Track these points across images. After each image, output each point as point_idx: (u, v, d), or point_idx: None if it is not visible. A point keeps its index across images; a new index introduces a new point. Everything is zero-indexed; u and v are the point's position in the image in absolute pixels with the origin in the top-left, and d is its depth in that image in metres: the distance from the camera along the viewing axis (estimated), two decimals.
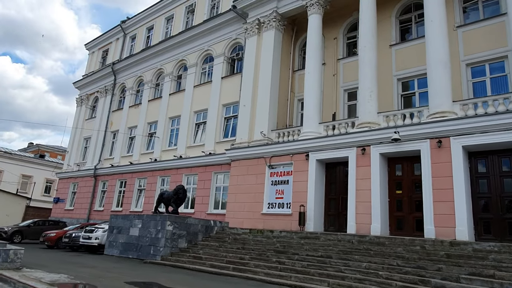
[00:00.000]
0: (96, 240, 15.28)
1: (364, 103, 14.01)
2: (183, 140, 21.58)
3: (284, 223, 14.88)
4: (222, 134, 19.98)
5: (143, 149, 24.35)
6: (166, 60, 24.83)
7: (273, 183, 16.09)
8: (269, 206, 15.90)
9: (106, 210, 25.11)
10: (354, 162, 13.62)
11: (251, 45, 19.04)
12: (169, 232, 12.39)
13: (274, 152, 16.21)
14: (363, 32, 14.83)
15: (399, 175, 13.24)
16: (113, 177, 25.59)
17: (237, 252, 11.34)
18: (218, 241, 13.02)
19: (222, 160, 18.83)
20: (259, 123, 17.30)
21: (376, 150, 13.19)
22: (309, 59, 16.40)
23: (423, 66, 14.74)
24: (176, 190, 14.01)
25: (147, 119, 24.89)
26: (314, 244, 11.00)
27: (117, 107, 28.51)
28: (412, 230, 12.41)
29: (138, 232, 13.25)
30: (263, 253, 10.84)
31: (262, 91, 17.69)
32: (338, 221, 14.22)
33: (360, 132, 13.61)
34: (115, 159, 26.11)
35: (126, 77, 28.01)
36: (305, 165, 15.00)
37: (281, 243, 11.46)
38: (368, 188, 13.01)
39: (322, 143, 14.71)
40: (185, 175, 20.73)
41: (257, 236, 12.93)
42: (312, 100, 15.78)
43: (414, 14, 15.98)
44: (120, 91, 28.83)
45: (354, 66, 16.78)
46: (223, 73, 20.89)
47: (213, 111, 20.50)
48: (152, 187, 22.35)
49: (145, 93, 25.81)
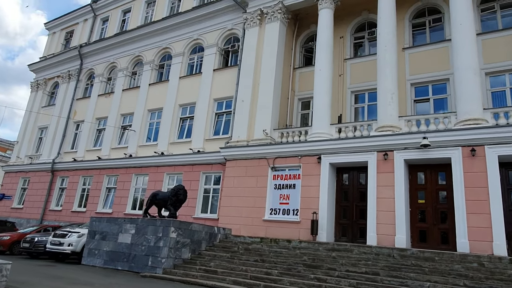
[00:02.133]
0: (70, 246, 12.82)
1: (384, 105, 13.15)
2: (165, 135, 19.46)
3: (291, 231, 13.52)
4: (212, 131, 18.22)
5: (114, 143, 21.74)
6: (146, 47, 22.51)
7: (277, 187, 14.69)
8: (271, 212, 14.47)
9: (66, 210, 22.10)
10: (374, 168, 12.65)
11: (251, 37, 17.57)
12: (173, 240, 10.48)
13: (278, 153, 14.83)
14: (383, 31, 14.04)
15: (422, 184, 12.48)
16: (76, 173, 22.62)
17: (257, 265, 9.78)
18: (227, 251, 11.32)
19: (213, 159, 17.10)
20: (260, 121, 15.84)
21: (400, 156, 12.33)
22: (320, 55, 15.29)
23: (438, 72, 14.44)
24: (176, 191, 12.08)
25: (120, 110, 22.33)
26: (349, 258, 9.77)
27: (82, 95, 25.46)
28: (437, 243, 11.66)
29: (130, 239, 11.14)
30: (291, 267, 9.40)
31: (264, 87, 16.26)
32: (352, 231, 13.16)
33: (382, 136, 12.71)
34: (79, 153, 23.14)
35: (95, 63, 25.12)
36: (317, 168, 13.79)
37: (307, 256, 10.09)
38: (391, 197, 12.08)
39: (336, 145, 13.61)
40: (167, 174, 18.64)
41: (272, 246, 11.44)
42: (323, 99, 14.66)
43: (429, 19, 15.53)
44: (87, 78, 25.81)
45: (363, 67, 16.10)
46: (215, 65, 19.16)
47: (202, 105, 18.68)
48: (125, 185, 19.90)
49: (118, 82, 23.21)
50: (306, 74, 17.63)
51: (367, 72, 15.87)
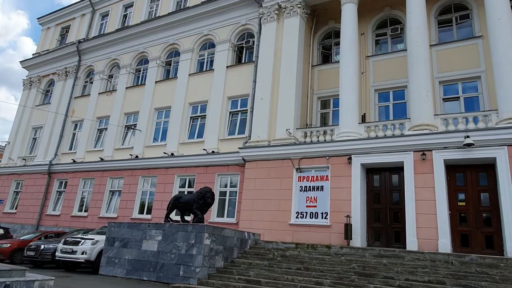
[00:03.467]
0: (83, 255, 11.72)
1: (419, 103, 12.55)
2: (175, 135, 18.47)
3: (321, 236, 12.77)
4: (227, 131, 17.34)
5: (118, 144, 20.60)
6: (151, 43, 21.47)
7: (303, 189, 13.93)
8: (298, 215, 13.69)
9: (65, 215, 20.80)
10: (411, 168, 12.03)
11: (268, 32, 16.81)
12: (207, 248, 9.55)
13: (304, 154, 14.07)
14: (414, 26, 13.49)
15: (461, 185, 11.91)
16: (75, 176, 21.36)
17: (303, 274, 8.97)
18: (262, 259, 10.47)
19: (230, 160, 16.22)
20: (281, 120, 15.07)
21: (440, 156, 11.73)
22: (345, 51, 14.63)
23: (468, 70, 14.00)
24: (203, 194, 11.15)
25: (124, 109, 21.19)
26: (403, 265, 9.06)
27: (80, 93, 24.18)
28: (481, 247, 11.10)
29: (156, 247, 10.17)
30: (342, 276, 8.64)
31: (285, 84, 15.50)
32: (386, 235, 12.49)
33: (419, 135, 12.09)
34: (78, 154, 21.87)
35: (94, 59, 23.89)
36: (347, 169, 13.09)
37: (356, 263, 9.35)
38: (431, 199, 11.47)
39: (368, 145, 12.95)
40: (178, 176, 17.65)
41: (310, 252, 10.64)
42: (350, 97, 14.00)
43: (455, 15, 15.09)
44: (86, 75, 24.55)
45: (386, 64, 15.57)
46: (228, 61, 18.30)
47: (215, 104, 17.78)
48: (131, 188, 18.80)
49: (121, 79, 22.07)
50: (325, 72, 16.99)
51: (391, 70, 15.36)
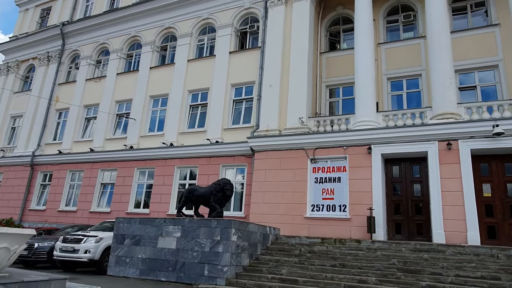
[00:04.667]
0: (87, 254, 10.59)
1: (442, 91, 12.10)
2: (174, 124, 17.38)
3: (340, 229, 12.18)
4: (231, 119, 16.42)
5: (109, 134, 19.27)
6: (144, 26, 20.14)
7: (318, 181, 13.27)
8: (313, 208, 13.04)
9: (51, 209, 19.33)
10: (436, 159, 11.58)
11: (276, 17, 15.94)
12: (234, 244, 8.72)
13: (319, 143, 13.40)
14: (435, 11, 12.97)
15: (486, 176, 11.57)
16: (62, 167, 19.87)
17: (341, 271, 8.31)
18: (289, 255, 9.74)
19: (235, 150, 15.37)
20: (293, 108, 14.32)
21: (466, 146, 11.33)
22: (361, 36, 14.01)
23: (486, 58, 13.69)
24: (222, 186, 10.25)
25: (115, 96, 19.82)
26: (446, 259, 8.56)
27: (65, 79, 22.53)
28: (509, 239, 10.80)
29: (175, 244, 9.22)
30: (385, 272, 8.04)
31: (296, 70, 14.73)
32: (408, 228, 12.03)
33: (444, 124, 11.64)
34: (65, 144, 20.36)
35: (80, 43, 22.27)
36: (367, 160, 12.52)
37: (395, 258, 8.77)
38: (458, 190, 11.07)
39: (388, 134, 12.41)
40: (178, 168, 16.62)
41: (340, 247, 9.98)
42: (367, 85, 13.41)
43: (470, 3, 14.72)
44: (71, 60, 22.88)
45: (399, 52, 15.12)
46: (231, 47, 17.32)
47: (218, 91, 16.80)
48: (126, 181, 17.60)
49: (111, 64, 20.64)
50: (333, 59, 16.37)
51: (404, 58, 14.93)
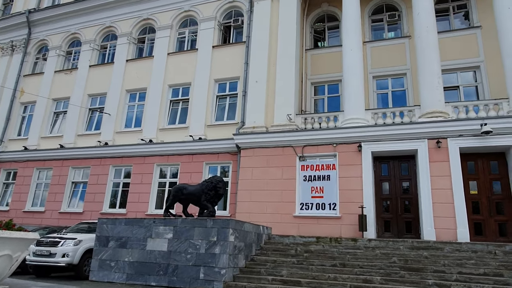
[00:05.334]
0: (65, 258, 9.69)
1: (431, 90, 12.21)
2: (153, 120, 16.57)
3: (330, 228, 11.99)
4: (214, 116, 15.87)
5: (81, 129, 18.11)
6: (119, 17, 19.12)
7: (307, 179, 13.03)
8: (302, 207, 12.78)
9: (15, 210, 17.91)
10: (426, 156, 11.65)
11: (262, 11, 15.57)
12: (231, 245, 8.24)
13: (308, 141, 13.17)
14: (423, 11, 13.09)
15: (473, 174, 11.78)
16: (28, 165, 18.47)
17: (343, 271, 8.06)
18: (285, 255, 9.38)
19: (220, 147, 14.85)
20: (280, 105, 14.01)
21: (455, 144, 11.47)
22: (349, 33, 13.92)
23: (465, 59, 14.01)
24: (214, 184, 9.72)
25: (87, 90, 18.67)
26: (446, 257, 8.52)
27: (31, 70, 21.02)
28: (495, 235, 11.04)
29: (167, 246, 8.59)
30: (388, 271, 7.87)
31: (283, 66, 14.44)
32: (397, 226, 12.04)
33: (434, 122, 11.74)
34: (31, 140, 18.95)
35: (48, 32, 20.84)
36: (357, 157, 12.42)
37: (395, 257, 8.63)
38: (448, 187, 11.18)
39: (378, 132, 12.38)
40: (158, 165, 15.85)
41: (336, 246, 9.74)
42: (355, 82, 13.32)
43: (452, 5, 15.03)
44: (37, 50, 21.37)
45: (384, 51, 15.19)
46: (214, 41, 16.76)
47: (201, 86, 16.18)
48: (100, 179, 16.58)
49: (83, 56, 19.44)
50: (319, 56, 16.23)
51: (389, 57, 15.01)
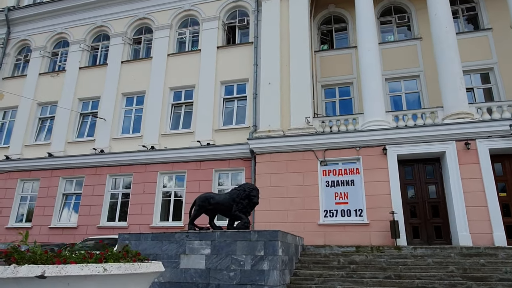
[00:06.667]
0: None
1: (454, 91, 11.97)
2: (153, 125, 15.47)
3: (358, 236, 11.40)
4: (221, 120, 15.00)
5: (72, 136, 16.67)
6: (112, 16, 17.92)
7: (329, 184, 12.42)
8: (326, 214, 12.13)
9: None
10: (455, 159, 11.33)
11: (271, 11, 14.95)
12: (280, 260, 7.42)
13: (329, 144, 12.58)
14: (441, 11, 12.92)
15: (501, 175, 11.57)
16: (10, 176, 16.77)
17: (402, 284, 7.39)
18: (329, 268, 8.63)
19: (231, 153, 14.01)
20: (296, 107, 13.37)
21: (484, 145, 11.23)
22: (365, 33, 13.53)
23: (479, 61, 13.97)
24: (248, 192, 8.84)
25: (78, 93, 17.27)
26: (504, 263, 8.08)
27: (11, 73, 19.31)
28: None
29: (204, 263, 7.62)
30: (453, 282, 7.29)
31: (296, 68, 13.83)
32: (426, 231, 11.61)
33: (461, 124, 11.47)
34: (13, 149, 17.25)
35: (31, 32, 19.25)
36: (382, 161, 11.95)
37: (451, 265, 8.10)
38: (480, 190, 10.89)
39: (403, 135, 11.98)
40: (162, 174, 14.75)
41: (380, 255, 9.10)
42: (374, 83, 12.91)
43: (461, 7, 15.04)
44: (18, 51, 19.68)
45: (395, 53, 14.96)
46: (219, 42, 15.94)
47: (206, 89, 15.29)
48: (96, 190, 15.24)
49: (71, 57, 18.02)
50: (328, 58, 15.80)
51: (400, 59, 14.79)
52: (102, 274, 2.61)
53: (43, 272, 2.52)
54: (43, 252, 2.84)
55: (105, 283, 2.66)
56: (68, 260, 2.77)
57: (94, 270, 2.61)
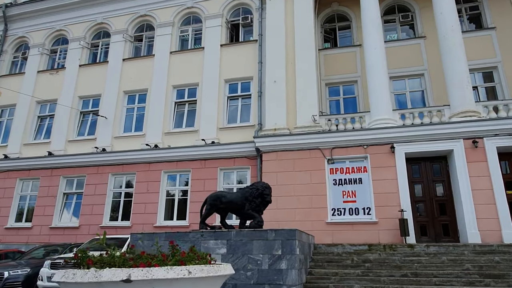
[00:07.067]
0: None
1: (461, 89, 12.01)
2: (156, 124, 15.29)
3: (367, 234, 11.38)
4: (226, 118, 14.88)
5: (72, 134, 16.40)
6: (112, 13, 17.67)
7: (337, 183, 12.38)
8: (334, 212, 12.09)
9: None
10: (463, 157, 11.37)
11: (275, 8, 14.86)
12: (298, 259, 7.34)
13: (336, 143, 12.53)
14: (447, 11, 12.94)
15: (508, 173, 11.63)
16: (9, 175, 16.45)
17: (420, 282, 7.36)
18: (344, 266, 8.58)
19: (236, 151, 13.90)
20: (303, 106, 13.30)
21: (492, 143, 11.28)
22: (371, 32, 13.50)
23: (482, 60, 14.05)
24: (261, 190, 8.74)
25: (78, 91, 17.00)
26: None
27: (8, 70, 18.94)
28: None
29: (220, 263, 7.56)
30: (470, 280, 7.28)
31: (302, 66, 13.75)
32: (434, 229, 11.64)
33: (468, 122, 11.50)
34: (11, 148, 16.93)
35: (29, 29, 18.90)
36: (390, 159, 11.94)
37: (466, 263, 8.10)
38: (488, 188, 10.93)
39: (410, 133, 11.98)
40: (166, 172, 14.58)
41: (393, 254, 9.07)
42: (380, 81, 12.89)
43: (465, 6, 15.10)
44: (15, 48, 19.32)
45: (398, 52, 14.94)
46: (222, 40, 15.81)
47: (209, 87, 15.15)
48: (98, 189, 15.01)
49: (71, 55, 17.73)
50: (332, 56, 15.75)
51: (404, 58, 14.79)
52: (187, 277, 2.50)
53: (129, 276, 2.39)
54: (122, 255, 2.71)
55: (187, 287, 2.54)
56: (152, 263, 2.65)
57: (180, 273, 2.49)
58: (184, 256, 2.92)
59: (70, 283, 2.42)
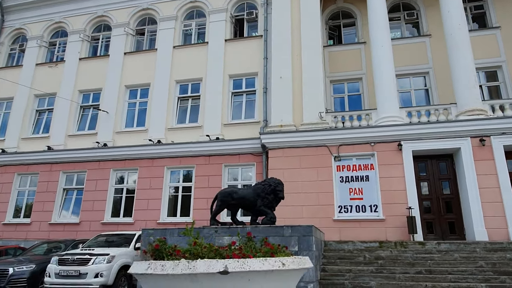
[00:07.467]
0: (98, 278, 8.14)
1: (467, 88, 12.04)
2: (159, 119, 15.09)
3: (374, 231, 11.38)
4: (230, 114, 14.74)
5: (72, 129, 16.11)
6: (113, 6, 17.36)
7: (343, 180, 12.35)
8: (341, 209, 12.06)
9: None
10: (470, 155, 11.41)
11: (281, 3, 14.71)
12: (314, 255, 7.27)
13: (343, 140, 12.49)
14: (454, 9, 12.95)
15: None
16: (7, 170, 16.10)
17: (435, 279, 7.38)
18: (356, 263, 8.54)
19: (241, 148, 13.79)
20: (309, 102, 13.22)
21: (499, 142, 11.34)
22: (378, 29, 13.46)
23: (487, 59, 14.13)
24: (273, 187, 8.64)
25: (78, 85, 16.69)
26: None
27: (5, 63, 18.52)
28: None
29: None
30: (486, 277, 7.31)
31: (309, 61, 13.66)
32: (440, 227, 11.68)
33: (476, 120, 11.54)
34: (9, 142, 16.57)
35: (27, 20, 18.49)
36: (397, 157, 11.94)
37: (480, 260, 8.11)
38: (495, 186, 10.99)
39: (418, 130, 11.99)
40: (169, 168, 14.41)
41: (405, 251, 9.05)
42: (387, 79, 12.87)
43: (469, 5, 15.16)
44: (12, 41, 18.89)
45: (403, 50, 14.92)
46: (226, 35, 15.64)
47: (213, 83, 14.98)
48: (99, 185, 14.77)
49: (71, 48, 17.39)
50: (337, 53, 15.71)
51: (409, 56, 14.80)
52: (281, 269, 2.39)
53: (226, 267, 2.26)
54: (211, 245, 2.59)
55: (280, 279, 2.43)
56: (247, 254, 2.53)
57: (274, 265, 2.39)
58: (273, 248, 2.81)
59: (159, 275, 2.27)
